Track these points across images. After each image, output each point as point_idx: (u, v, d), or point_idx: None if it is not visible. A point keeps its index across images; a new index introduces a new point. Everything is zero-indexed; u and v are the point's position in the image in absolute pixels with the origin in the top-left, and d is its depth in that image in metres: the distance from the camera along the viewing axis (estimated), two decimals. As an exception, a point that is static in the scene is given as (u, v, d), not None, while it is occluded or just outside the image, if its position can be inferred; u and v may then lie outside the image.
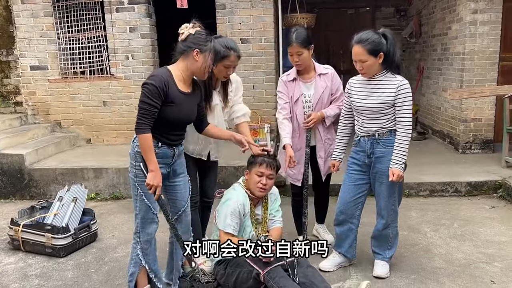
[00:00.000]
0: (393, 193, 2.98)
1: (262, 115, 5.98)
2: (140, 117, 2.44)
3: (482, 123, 5.82)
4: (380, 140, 2.91)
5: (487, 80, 5.66)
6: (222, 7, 5.83)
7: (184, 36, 2.52)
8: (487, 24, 5.56)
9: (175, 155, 2.68)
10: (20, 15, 6.14)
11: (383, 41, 2.78)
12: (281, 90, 3.36)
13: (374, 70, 2.83)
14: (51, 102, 6.32)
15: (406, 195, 4.74)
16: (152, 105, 2.42)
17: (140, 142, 2.46)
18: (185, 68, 2.55)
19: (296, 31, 3.16)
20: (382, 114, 2.87)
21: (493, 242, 3.57)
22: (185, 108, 2.58)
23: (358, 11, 8.88)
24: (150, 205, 2.60)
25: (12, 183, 5.12)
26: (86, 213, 3.90)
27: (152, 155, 2.47)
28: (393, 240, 3.10)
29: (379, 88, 2.86)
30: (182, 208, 2.82)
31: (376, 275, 3.05)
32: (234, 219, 2.84)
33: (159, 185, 2.49)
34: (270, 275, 2.59)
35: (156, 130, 2.51)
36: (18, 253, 3.66)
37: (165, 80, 2.45)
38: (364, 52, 2.76)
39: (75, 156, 5.61)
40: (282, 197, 4.77)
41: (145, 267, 2.71)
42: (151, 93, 2.41)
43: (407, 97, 2.80)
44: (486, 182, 4.74)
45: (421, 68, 7.61)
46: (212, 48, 2.56)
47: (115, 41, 6.04)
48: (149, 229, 2.67)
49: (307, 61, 3.22)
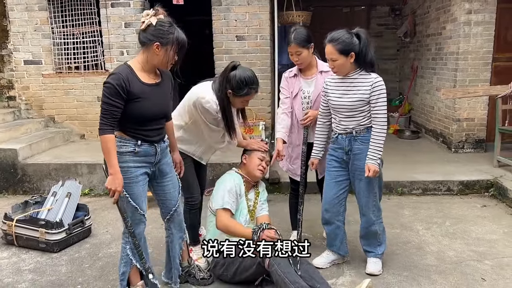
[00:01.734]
0: (373, 189, 3.01)
1: (257, 112, 5.99)
2: (101, 118, 2.34)
3: (475, 122, 5.88)
4: (357, 137, 2.95)
5: (480, 80, 5.71)
6: (218, 3, 5.83)
7: (144, 26, 2.37)
8: (481, 25, 5.60)
9: (158, 153, 2.57)
10: (14, 9, 6.10)
11: (355, 41, 2.80)
12: (283, 86, 3.40)
13: (346, 69, 2.87)
14: (45, 97, 6.29)
15: (399, 193, 4.79)
16: (112, 105, 2.31)
17: (101, 143, 2.36)
18: (146, 60, 2.43)
19: (295, 30, 3.17)
20: (358, 112, 2.90)
21: (484, 240, 3.61)
22: (155, 100, 2.46)
23: (353, 10, 8.90)
24: (136, 206, 2.54)
25: (5, 178, 5.09)
26: (80, 208, 3.89)
27: (112, 157, 2.36)
28: (381, 236, 3.14)
29: (354, 86, 2.89)
30: (173, 207, 2.77)
31: (369, 272, 3.08)
32: (231, 197, 2.93)
33: (117, 189, 2.38)
34: (275, 260, 2.64)
35: (132, 128, 2.45)
36: (11, 248, 3.64)
37: (123, 77, 2.33)
38: (335, 51, 2.80)
39: (69, 152, 5.59)
40: (277, 194, 4.85)
41: (136, 265, 2.68)
42: (109, 92, 2.31)
43: (381, 94, 2.84)
44: (478, 181, 4.79)
45: (415, 67, 7.66)
46: (174, 41, 2.37)
47: (110, 36, 6.01)
48: (137, 230, 2.61)
49: (307, 59, 3.22)
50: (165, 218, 2.79)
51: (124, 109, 2.37)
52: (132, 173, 2.48)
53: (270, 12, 5.87)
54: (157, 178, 2.67)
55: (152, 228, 3.82)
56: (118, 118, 2.37)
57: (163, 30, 2.35)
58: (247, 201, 3.09)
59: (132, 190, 2.50)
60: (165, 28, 2.36)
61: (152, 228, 3.81)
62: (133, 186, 2.50)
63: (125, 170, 2.45)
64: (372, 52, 2.87)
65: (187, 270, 2.98)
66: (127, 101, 2.36)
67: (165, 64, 2.44)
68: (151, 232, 3.79)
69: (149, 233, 3.77)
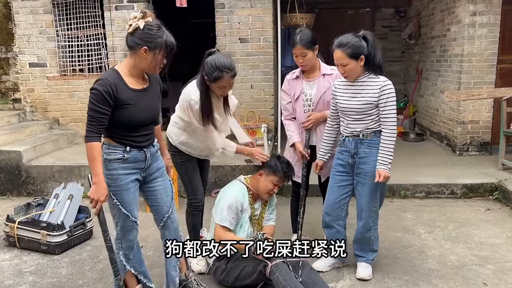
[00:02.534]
0: (375, 195, 2.99)
1: (260, 114, 5.98)
2: (87, 125, 2.28)
3: (479, 125, 5.83)
4: (364, 140, 2.92)
5: (485, 82, 5.67)
6: (221, 6, 5.84)
7: (132, 29, 2.28)
8: (485, 27, 5.56)
9: (148, 158, 2.51)
10: (19, 12, 6.15)
11: (363, 44, 2.79)
12: (284, 89, 3.41)
13: (356, 72, 2.85)
14: (50, 99, 6.34)
15: (402, 196, 4.75)
16: (99, 112, 2.25)
17: (86, 151, 2.29)
18: (133, 65, 2.36)
19: (300, 32, 3.17)
20: (366, 115, 2.88)
21: (487, 245, 3.58)
22: (143, 106, 2.40)
23: (358, 12, 8.88)
24: (128, 214, 2.49)
25: (9, 179, 5.13)
26: (82, 211, 3.91)
27: (97, 166, 2.29)
28: (375, 242, 3.11)
29: (362, 89, 2.87)
30: (166, 214, 2.67)
31: (359, 277, 3.06)
32: (230, 213, 2.88)
33: (100, 199, 2.30)
34: (277, 267, 2.63)
35: (119, 135, 2.40)
36: (13, 250, 3.67)
37: (110, 83, 2.27)
38: (345, 56, 2.77)
39: (73, 154, 5.62)
40: (279, 197, 4.83)
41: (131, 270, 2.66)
42: (96, 99, 2.24)
43: (390, 97, 2.81)
44: (482, 184, 4.75)
45: (419, 69, 7.61)
46: (163, 45, 2.29)
47: (114, 39, 6.04)
48: (130, 236, 2.58)
49: (312, 61, 3.21)
50: (159, 225, 2.72)
51: (111, 116, 2.31)
52: (122, 180, 2.43)
53: (273, 15, 5.87)
54: (147, 183, 2.61)
55: (154, 230, 3.82)
56: (105, 125, 2.31)
57: (150, 33, 2.27)
58: (252, 210, 3.03)
59: (123, 197, 2.45)
60: (153, 31, 2.27)
61: (154, 231, 3.82)
62: (124, 194, 2.45)
63: (114, 178, 2.41)
64: (380, 54, 2.86)
65: (185, 284, 2.88)
66: (114, 107, 2.30)
67: (153, 68, 2.37)
68: (152, 234, 3.80)
69: (149, 235, 3.81)
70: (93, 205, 2.33)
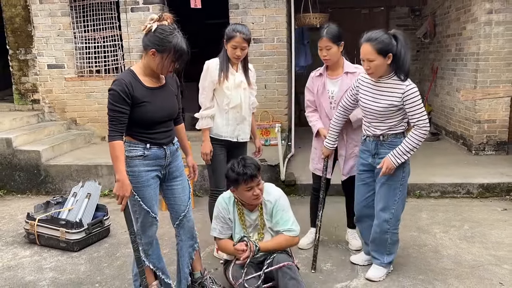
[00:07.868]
0: (393, 196, 2.93)
1: (273, 114, 6.01)
2: (109, 125, 2.35)
3: (496, 124, 5.76)
4: (384, 142, 2.91)
5: (501, 81, 5.60)
6: (235, 7, 5.88)
7: (146, 30, 2.38)
8: (502, 25, 5.50)
9: (168, 156, 2.58)
10: (38, 15, 6.29)
11: (393, 42, 2.72)
12: (308, 86, 3.45)
13: (381, 71, 2.78)
14: (67, 100, 6.46)
15: (417, 196, 4.73)
16: (118, 111, 2.34)
17: (110, 150, 2.37)
18: (145, 65, 2.45)
19: (328, 26, 3.20)
20: (387, 118, 2.85)
21: (504, 244, 3.54)
22: (160, 104, 2.48)
23: (372, 11, 8.83)
24: (148, 210, 2.55)
25: (28, 178, 5.25)
26: (100, 209, 3.99)
27: (120, 163, 2.36)
28: (392, 246, 3.03)
29: (385, 91, 2.82)
30: (183, 213, 2.73)
31: (367, 277, 3.04)
32: (218, 222, 2.87)
33: (125, 195, 2.36)
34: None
35: (139, 132, 2.47)
36: (33, 247, 3.76)
37: (126, 82, 2.35)
38: (373, 51, 2.70)
39: (90, 153, 5.72)
40: (293, 196, 4.84)
41: (149, 266, 2.70)
42: (114, 99, 2.33)
43: (415, 101, 2.75)
44: (499, 184, 4.70)
45: (435, 68, 7.55)
46: (171, 49, 2.33)
47: (130, 41, 6.13)
48: (149, 232, 2.63)
49: (336, 56, 3.21)
50: (175, 223, 2.77)
51: (130, 114, 2.39)
52: (143, 177, 2.50)
53: (287, 15, 5.89)
54: (167, 181, 2.67)
55: (169, 228, 3.86)
56: (125, 124, 2.38)
57: (160, 37, 2.33)
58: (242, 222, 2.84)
59: (144, 193, 2.52)
60: (163, 35, 2.33)
61: (169, 229, 3.86)
62: (145, 190, 2.52)
63: (136, 175, 2.48)
64: (409, 57, 2.76)
65: (200, 281, 2.89)
66: (132, 106, 2.38)
67: (161, 70, 2.43)
68: (168, 232, 3.85)
69: (165, 233, 3.86)
70: (119, 201, 2.38)
